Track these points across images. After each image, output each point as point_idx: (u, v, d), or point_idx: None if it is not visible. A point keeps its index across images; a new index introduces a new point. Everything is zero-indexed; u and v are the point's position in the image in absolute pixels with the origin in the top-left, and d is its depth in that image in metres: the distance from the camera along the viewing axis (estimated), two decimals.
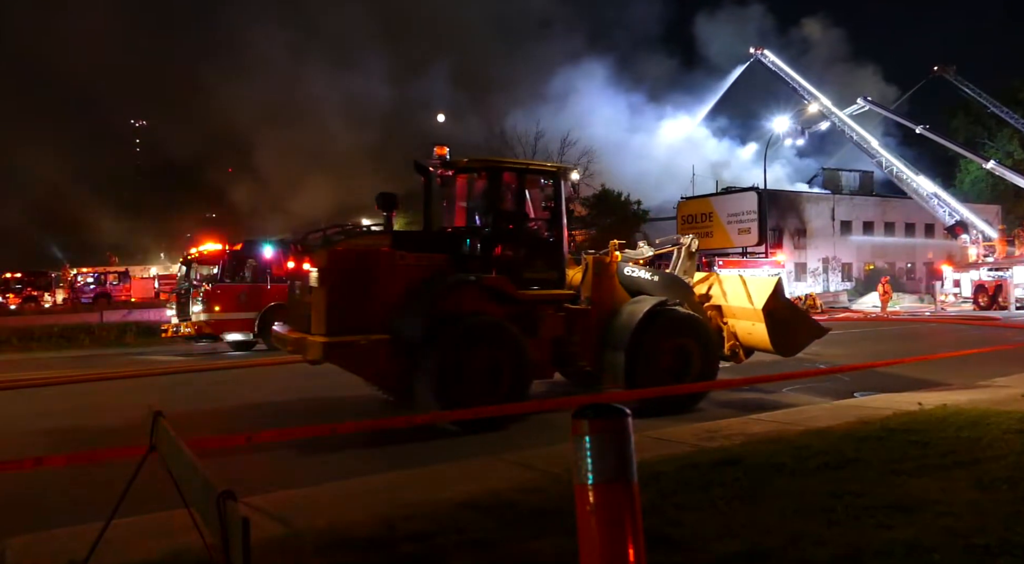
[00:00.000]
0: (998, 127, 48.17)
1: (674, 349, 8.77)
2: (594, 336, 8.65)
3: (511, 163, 9.14)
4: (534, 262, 8.56)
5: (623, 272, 9.29)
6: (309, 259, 7.78)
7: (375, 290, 7.49)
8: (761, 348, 9.82)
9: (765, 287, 9.68)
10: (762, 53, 47.50)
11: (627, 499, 2.38)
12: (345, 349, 7.26)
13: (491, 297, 8.03)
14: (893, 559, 3.50)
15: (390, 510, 4.48)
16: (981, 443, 5.84)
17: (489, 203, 8.48)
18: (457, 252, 8.18)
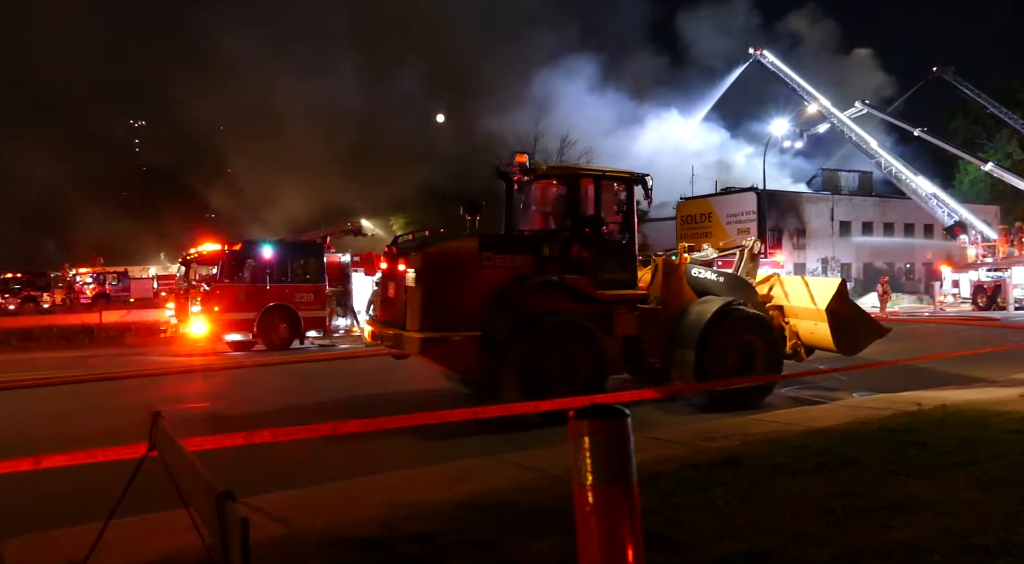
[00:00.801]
0: (997, 128, 48.16)
1: (740, 347, 9.11)
2: (664, 334, 9.05)
3: (588, 170, 9.50)
4: (609, 264, 8.92)
5: (690, 273, 9.70)
6: (405, 260, 8.25)
7: (465, 289, 8.01)
8: (823, 347, 10.06)
9: (828, 288, 10.00)
10: (761, 53, 47.48)
11: (626, 500, 2.38)
12: (439, 344, 7.78)
13: (572, 297, 8.48)
14: (892, 559, 3.50)
15: (390, 510, 4.49)
16: (980, 443, 5.85)
17: (567, 208, 8.95)
18: (538, 254, 8.59)
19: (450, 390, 10.86)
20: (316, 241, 20.66)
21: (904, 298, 37.62)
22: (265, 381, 12.82)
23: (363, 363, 15.74)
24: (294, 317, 18.29)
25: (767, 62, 46.94)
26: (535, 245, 8.70)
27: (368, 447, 6.91)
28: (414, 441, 7.20)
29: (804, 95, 44.19)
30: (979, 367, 11.15)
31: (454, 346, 7.83)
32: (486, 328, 7.94)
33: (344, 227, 26.18)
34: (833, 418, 7.30)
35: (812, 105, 43.24)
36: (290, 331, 18.31)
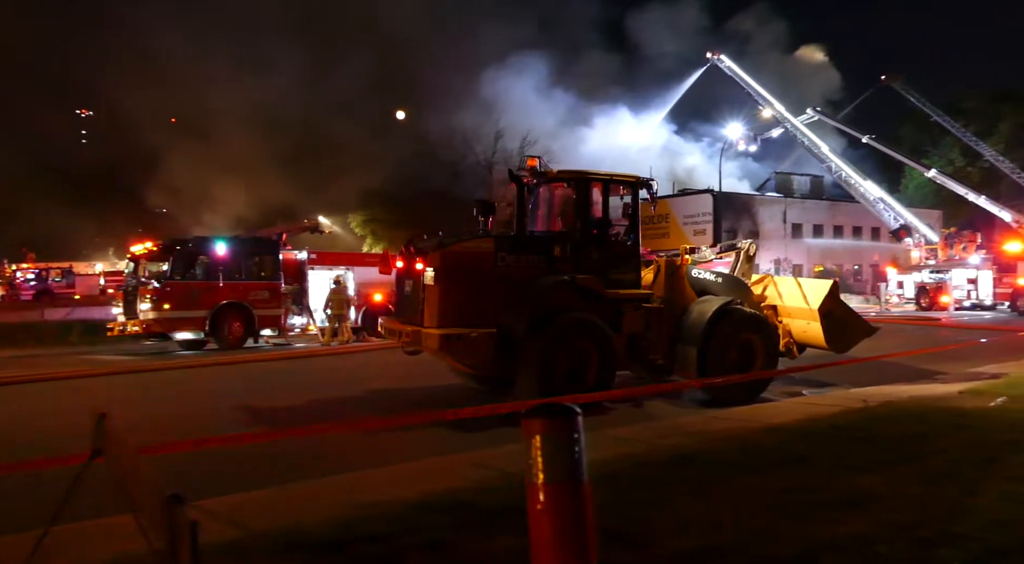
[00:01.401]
0: (941, 135, 49.77)
1: (740, 344, 9.48)
2: (666, 332, 9.41)
3: (596, 174, 9.78)
4: (616, 264, 9.30)
5: (691, 274, 10.14)
6: (423, 259, 8.48)
7: (480, 288, 8.35)
8: (815, 345, 10.46)
9: (821, 289, 10.44)
10: (719, 58, 48.29)
11: (578, 498, 2.38)
12: (458, 341, 8.09)
13: (583, 296, 8.80)
14: (843, 552, 3.59)
15: (347, 511, 4.42)
16: (924, 439, 6.04)
17: (576, 210, 9.25)
18: (550, 254, 8.91)
19: (416, 387, 10.78)
20: (272, 238, 20.27)
21: (852, 298, 38.69)
22: (217, 381, 12.52)
23: (320, 362, 15.53)
24: (248, 315, 17.95)
25: (724, 67, 47.76)
26: (547, 246, 9.01)
27: (329, 447, 6.80)
28: (373, 441, 7.12)
29: (759, 100, 45.13)
30: (921, 365, 11.54)
31: (471, 342, 8.11)
32: (502, 325, 8.24)
33: (301, 224, 25.77)
34: (786, 415, 7.46)
35: (767, 109, 44.16)
36: (244, 330, 17.95)
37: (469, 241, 8.80)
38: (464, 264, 8.38)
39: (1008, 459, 5.29)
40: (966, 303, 31.00)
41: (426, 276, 8.31)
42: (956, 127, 44.57)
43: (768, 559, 3.54)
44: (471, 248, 8.62)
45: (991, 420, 6.84)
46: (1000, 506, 4.22)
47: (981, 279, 30.94)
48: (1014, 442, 5.81)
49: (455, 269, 8.27)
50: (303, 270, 19.69)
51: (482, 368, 8.65)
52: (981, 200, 37.67)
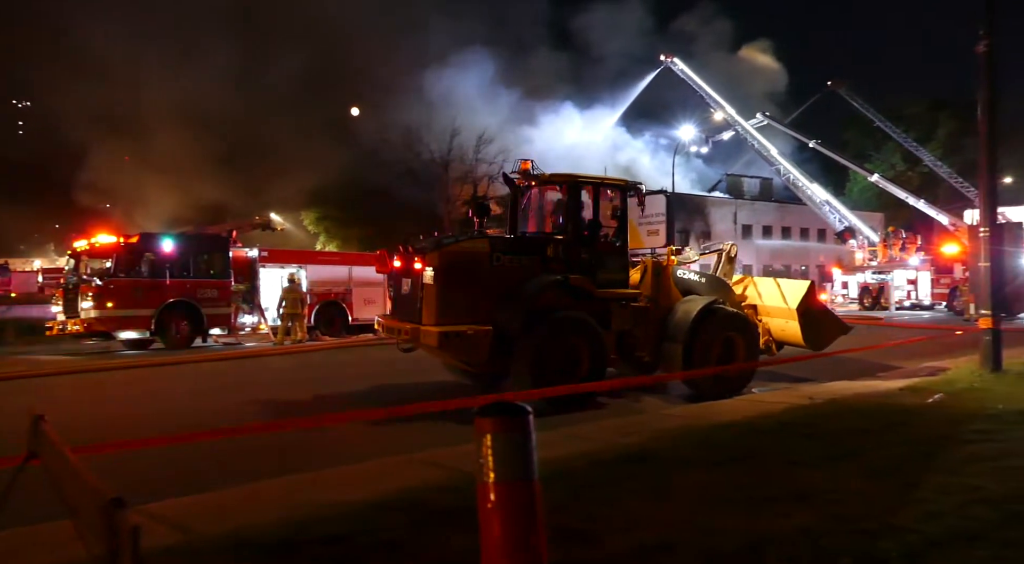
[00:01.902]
0: (884, 140, 51.47)
1: (723, 342, 9.84)
2: (653, 330, 9.73)
3: (586, 178, 10.08)
4: (605, 264, 9.60)
5: (676, 274, 10.49)
6: (421, 259, 8.69)
7: (477, 286, 8.63)
8: (792, 343, 10.91)
9: (799, 289, 10.88)
10: (672, 60, 49.01)
11: (528, 497, 2.38)
12: (456, 338, 8.34)
13: (575, 295, 9.10)
14: (789, 545, 3.67)
15: (300, 512, 4.35)
16: (866, 434, 6.23)
17: (568, 212, 9.56)
18: (542, 254, 9.22)
19: (373, 385, 10.68)
20: (221, 235, 19.82)
21: None
22: (162, 381, 12.19)
23: (272, 361, 15.24)
24: (196, 314, 17.52)
25: (677, 69, 48.50)
26: (539, 246, 9.34)
27: (283, 447, 6.67)
28: (327, 441, 7.02)
29: (711, 102, 45.97)
30: (865, 363, 11.93)
31: (469, 340, 8.39)
32: (498, 323, 8.53)
33: (252, 221, 25.25)
34: (736, 413, 7.61)
35: (718, 112, 45.04)
36: (192, 329, 17.52)
37: (466, 241, 9.06)
38: (461, 264, 8.65)
39: (944, 453, 5.50)
40: (906, 303, 32.14)
41: (425, 275, 8.56)
42: (897, 133, 46.18)
43: (716, 553, 3.61)
44: (468, 248, 8.88)
45: (929, 416, 7.10)
46: (937, 498, 4.39)
47: (920, 280, 32.09)
48: (950, 437, 6.04)
49: (453, 268, 8.54)
50: (254, 268, 19.32)
51: (478, 364, 8.85)
52: (920, 204, 39.12)
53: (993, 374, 9.61)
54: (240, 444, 6.46)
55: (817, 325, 10.75)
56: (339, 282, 20.65)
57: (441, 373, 10.52)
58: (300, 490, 4.98)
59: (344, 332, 20.45)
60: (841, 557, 3.51)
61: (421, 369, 11.57)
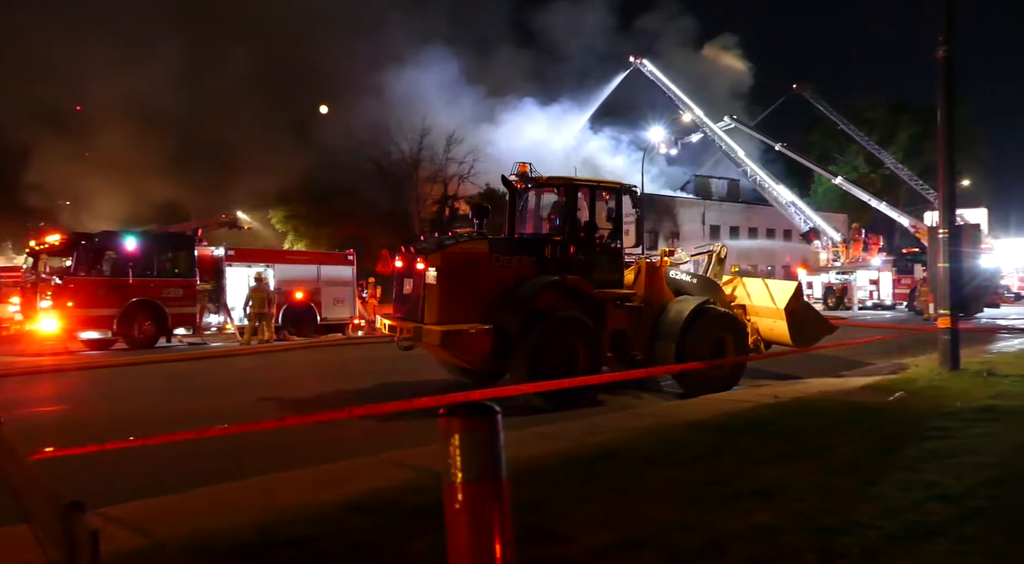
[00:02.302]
0: (847, 142, 52.52)
1: (713, 341, 10.10)
2: (646, 329, 10.00)
3: (583, 181, 10.35)
4: (601, 265, 9.83)
5: (669, 275, 10.78)
6: (424, 260, 8.90)
7: (477, 286, 8.88)
8: (780, 342, 11.23)
9: (786, 290, 11.21)
10: (641, 62, 49.42)
11: (496, 496, 2.39)
12: (458, 336, 8.58)
13: (572, 295, 9.32)
14: (752, 542, 3.73)
15: (265, 515, 4.29)
16: (828, 433, 6.36)
17: (565, 214, 9.77)
18: (540, 255, 9.45)
19: (340, 388, 10.60)
20: (186, 233, 19.48)
21: None
22: (124, 382, 11.94)
23: (238, 361, 15.03)
24: (160, 313, 17.21)
25: (646, 71, 48.92)
26: (537, 247, 9.57)
27: (250, 448, 6.59)
28: (293, 442, 6.94)
29: (680, 104, 46.45)
30: (829, 362, 12.16)
31: (470, 338, 8.64)
32: (498, 322, 8.77)
33: (219, 219, 24.88)
34: (703, 412, 7.69)
35: (687, 114, 45.51)
36: (156, 329, 17.20)
37: (467, 242, 9.27)
38: (463, 264, 8.87)
39: (903, 450, 5.63)
40: (868, 303, 32.83)
41: (428, 275, 8.77)
42: (860, 135, 47.15)
43: (682, 550, 3.65)
44: (469, 249, 9.10)
45: (889, 414, 7.26)
46: (895, 494, 4.49)
47: (882, 280, 32.82)
48: (909, 434, 6.18)
49: (455, 269, 8.78)
50: (220, 267, 19.03)
51: (478, 362, 9.07)
52: (882, 206, 40.04)
53: (951, 372, 9.86)
54: (204, 446, 6.35)
55: (804, 324, 11.07)
56: (308, 282, 20.45)
57: (416, 371, 10.51)
58: (266, 492, 4.92)
59: (313, 332, 20.25)
60: (803, 553, 3.58)
61: (394, 369, 11.53)
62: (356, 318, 21.82)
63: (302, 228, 38.82)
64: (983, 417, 6.79)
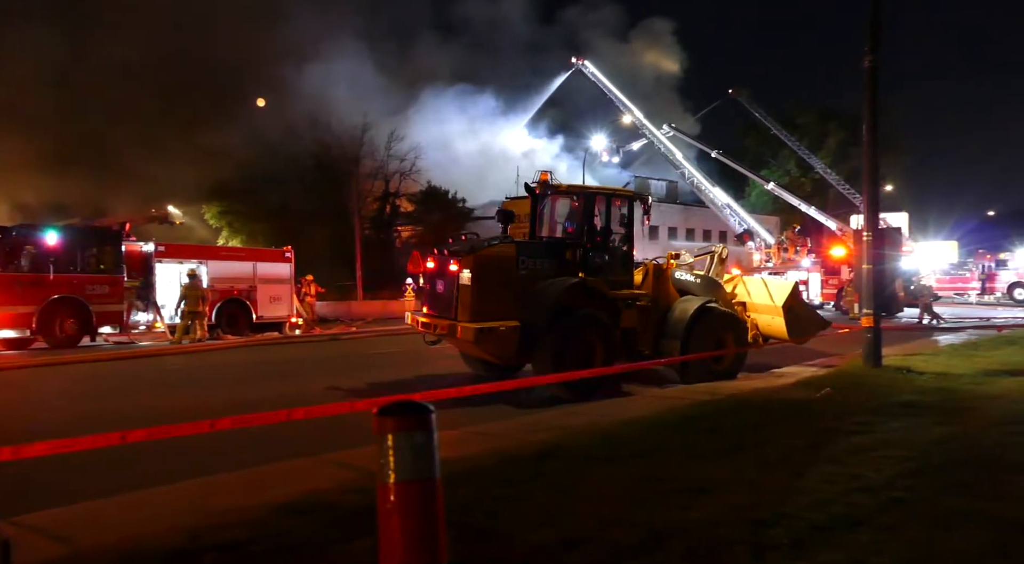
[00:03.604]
0: (780, 147, 54.27)
1: (715, 339, 10.78)
2: (653, 327, 10.69)
3: (599, 189, 11.25)
4: (615, 267, 10.62)
5: (674, 276, 11.48)
6: (458, 262, 9.53)
7: (505, 286, 9.55)
8: (778, 337, 12.07)
9: (784, 288, 12.10)
10: (583, 63, 49.94)
11: (430, 496, 2.36)
12: (490, 333, 9.20)
13: (591, 295, 9.98)
14: (688, 536, 3.81)
15: (197, 519, 4.15)
16: (761, 429, 6.55)
17: (582, 219, 10.47)
18: (561, 258, 10.15)
19: (271, 390, 10.37)
20: (113, 228, 18.68)
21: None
22: (42, 384, 11.37)
23: (168, 361, 14.50)
24: (84, 311, 16.47)
25: (588, 72, 49.45)
26: (558, 250, 10.26)
27: (181, 451, 6.35)
28: (232, 444, 6.73)
29: (621, 106, 47.15)
30: (763, 359, 12.55)
31: (501, 335, 9.28)
32: (526, 319, 9.42)
33: (148, 214, 23.95)
34: (641, 409, 7.83)
35: (627, 116, 46.25)
36: (79, 327, 16.46)
37: (496, 246, 9.86)
38: (493, 266, 9.53)
39: (830, 445, 5.85)
40: None
41: (462, 276, 9.41)
42: (792, 141, 48.82)
43: (621, 546, 3.70)
44: (498, 252, 9.74)
45: (817, 410, 7.53)
46: (822, 487, 4.67)
47: (811, 281, 34.06)
48: (835, 429, 6.43)
49: (486, 270, 9.43)
50: (150, 263, 18.33)
51: (506, 357, 9.70)
52: (811, 211, 41.59)
53: (875, 369, 10.30)
54: (130, 451, 6.07)
55: (800, 321, 11.90)
56: (243, 279, 19.91)
57: (360, 370, 10.34)
58: (198, 496, 4.76)
59: (248, 331, 19.73)
60: (736, 545, 3.68)
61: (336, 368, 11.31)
62: (294, 316, 21.37)
63: (238, 224, 37.69)
64: (903, 412, 7.12)
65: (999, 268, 37.57)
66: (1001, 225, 60.38)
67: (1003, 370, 10.15)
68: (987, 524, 3.94)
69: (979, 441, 5.98)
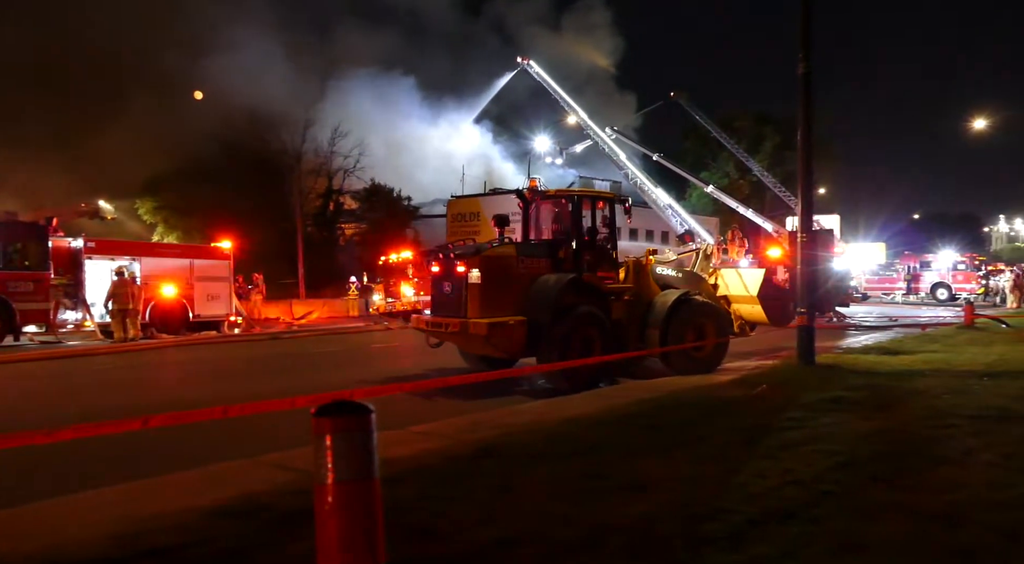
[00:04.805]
0: (719, 149, 55.61)
1: (695, 327, 11.49)
2: (637, 319, 11.38)
3: (584, 192, 12.23)
4: (602, 264, 11.31)
5: (655, 271, 12.15)
6: (465, 263, 10.27)
7: (507, 284, 10.32)
8: (762, 323, 12.80)
9: (757, 278, 12.82)
10: (528, 63, 50.16)
11: (369, 496, 2.35)
12: (500, 328, 9.90)
13: (586, 290, 10.73)
14: (629, 532, 3.88)
15: (127, 525, 4.01)
16: (698, 425, 6.71)
17: (572, 221, 11.18)
18: (554, 257, 10.92)
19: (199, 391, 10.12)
20: (38, 223, 17.87)
21: None
22: None
23: (97, 361, 13.94)
24: (6, 309, 15.70)
25: (533, 72, 49.71)
26: (552, 250, 11.04)
27: (112, 453, 6.12)
28: (166, 446, 6.52)
29: (565, 106, 47.56)
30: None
31: (510, 329, 9.98)
32: (529, 314, 10.12)
33: (78, 208, 23.07)
34: (583, 407, 7.90)
35: (572, 116, 46.69)
36: (1, 326, 15.68)
37: (498, 247, 10.68)
38: (497, 266, 10.30)
39: (764, 440, 6.03)
40: None
41: (471, 276, 10.12)
42: (731, 144, 50.09)
43: (561, 543, 3.74)
44: (500, 252, 10.55)
45: (752, 406, 7.75)
46: (756, 482, 4.81)
47: None
48: (768, 425, 6.63)
49: (492, 270, 10.19)
50: (78, 260, 17.61)
51: (513, 351, 10.31)
52: (749, 213, 42.81)
53: (808, 367, 10.66)
54: (56, 452, 5.84)
55: (779, 306, 12.60)
56: (179, 276, 19.31)
57: (299, 369, 10.13)
58: (128, 500, 4.59)
59: (185, 330, 19.15)
60: (674, 540, 3.76)
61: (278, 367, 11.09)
62: (232, 315, 20.83)
63: (173, 220, 36.50)
64: (832, 408, 7.39)
65: (923, 269, 39.31)
66: (925, 228, 63.38)
67: (926, 367, 10.64)
68: (908, 515, 4.13)
69: (903, 435, 6.25)
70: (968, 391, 8.27)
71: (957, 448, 5.61)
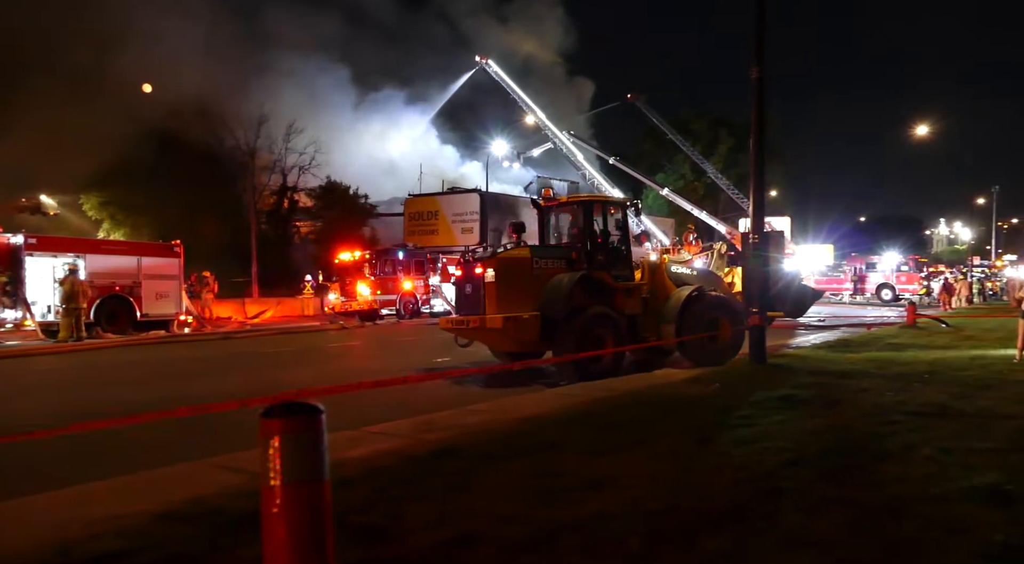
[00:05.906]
0: (676, 151, 56.47)
1: (708, 320, 12.12)
2: (653, 315, 12.19)
3: (595, 198, 13.78)
4: (616, 264, 12.14)
5: (671, 270, 12.96)
6: (482, 265, 11.26)
7: (523, 284, 11.18)
8: (778, 316, 13.80)
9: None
10: (486, 62, 50.15)
11: (319, 498, 2.31)
12: (515, 321, 10.82)
13: (597, 286, 11.52)
14: (584, 530, 3.90)
15: (69, 530, 3.86)
16: (654, 423, 6.79)
17: (585, 225, 11.97)
18: (568, 259, 11.74)
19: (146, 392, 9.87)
20: None
21: None
22: None
23: (38, 362, 13.45)
24: None
25: (492, 71, 49.72)
26: (565, 252, 11.91)
27: (54, 456, 5.90)
28: (114, 447, 6.31)
29: (524, 106, 47.70)
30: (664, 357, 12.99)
31: (524, 323, 10.86)
32: (544, 310, 10.99)
33: (18, 203, 22.18)
34: (540, 406, 7.93)
35: (530, 116, 46.86)
36: None
37: (513, 250, 11.67)
38: (512, 267, 11.22)
39: (718, 437, 6.14)
40: None
41: (487, 276, 11.06)
42: (687, 146, 50.91)
43: (517, 542, 3.73)
44: (515, 255, 11.50)
45: (706, 404, 7.88)
46: (710, 479, 4.89)
47: None
48: (721, 423, 6.75)
49: (506, 271, 11.11)
50: (18, 257, 16.98)
51: (530, 344, 11.20)
52: (703, 215, 43.60)
53: (759, 365, 10.89)
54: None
55: (792, 298, 13.89)
56: (126, 274, 18.75)
57: (252, 368, 9.92)
58: (72, 505, 4.44)
59: (132, 329, 18.61)
60: (629, 537, 3.79)
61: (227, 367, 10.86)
62: (183, 314, 20.32)
63: (120, 216, 35.38)
64: (782, 405, 7.56)
65: (869, 270, 40.56)
66: (870, 230, 65.38)
67: (871, 365, 10.97)
68: (853, 509, 4.24)
69: (849, 432, 6.43)
70: (910, 389, 8.55)
71: (899, 444, 5.78)
